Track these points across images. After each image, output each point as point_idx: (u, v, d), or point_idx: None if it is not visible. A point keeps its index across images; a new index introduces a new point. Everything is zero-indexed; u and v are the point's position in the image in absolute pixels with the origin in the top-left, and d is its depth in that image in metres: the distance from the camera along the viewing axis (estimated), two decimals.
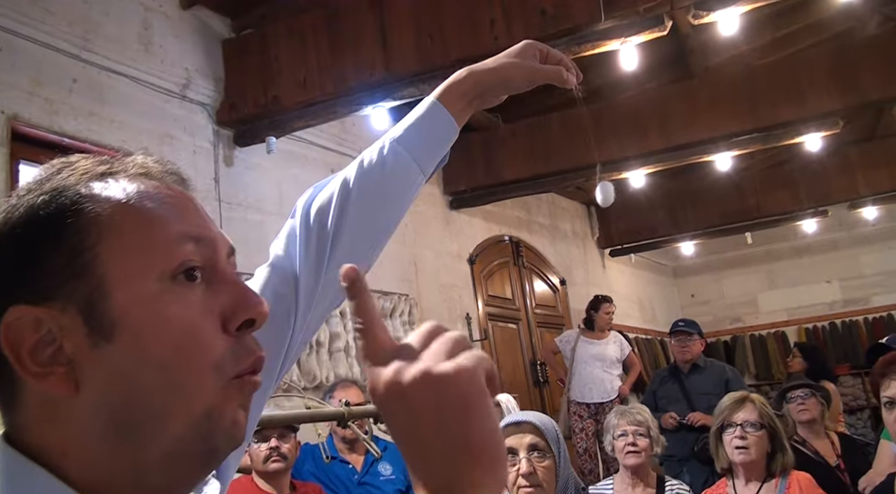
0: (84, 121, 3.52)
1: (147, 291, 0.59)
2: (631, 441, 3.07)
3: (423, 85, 4.03)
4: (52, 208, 0.60)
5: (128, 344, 0.58)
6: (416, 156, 1.02)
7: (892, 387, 2.20)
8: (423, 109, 1.03)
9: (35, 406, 0.58)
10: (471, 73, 1.06)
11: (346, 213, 0.97)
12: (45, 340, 0.57)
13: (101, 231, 0.60)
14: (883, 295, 10.14)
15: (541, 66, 1.08)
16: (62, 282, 0.58)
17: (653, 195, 8.51)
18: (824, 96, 5.39)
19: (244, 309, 0.62)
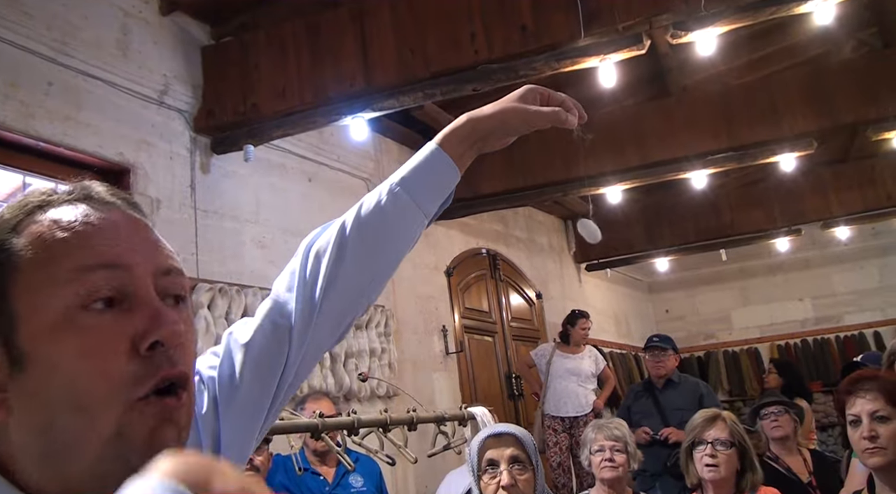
0: (60, 125, 3.48)
1: (50, 322, 0.63)
2: (608, 457, 3.07)
3: (402, 97, 4.04)
4: None
5: (38, 373, 0.63)
6: (418, 199, 1.04)
7: (856, 405, 2.22)
8: (425, 154, 1.07)
9: None
10: (469, 119, 1.09)
11: (341, 259, 1.00)
12: None
13: (12, 271, 0.64)
14: (854, 313, 10.29)
15: (538, 109, 1.10)
16: None
17: (629, 211, 8.58)
18: (799, 117, 5.47)
19: (153, 331, 0.65)
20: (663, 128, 5.78)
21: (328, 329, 0.99)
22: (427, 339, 6.03)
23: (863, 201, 8.08)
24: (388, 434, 2.25)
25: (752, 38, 5.76)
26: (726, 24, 3.72)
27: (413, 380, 5.58)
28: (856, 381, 2.29)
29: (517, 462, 2.08)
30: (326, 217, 4.16)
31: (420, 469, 4.86)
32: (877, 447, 2.14)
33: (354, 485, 3.33)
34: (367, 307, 1.06)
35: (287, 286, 1.00)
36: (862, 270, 10.36)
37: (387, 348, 5.31)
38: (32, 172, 3.42)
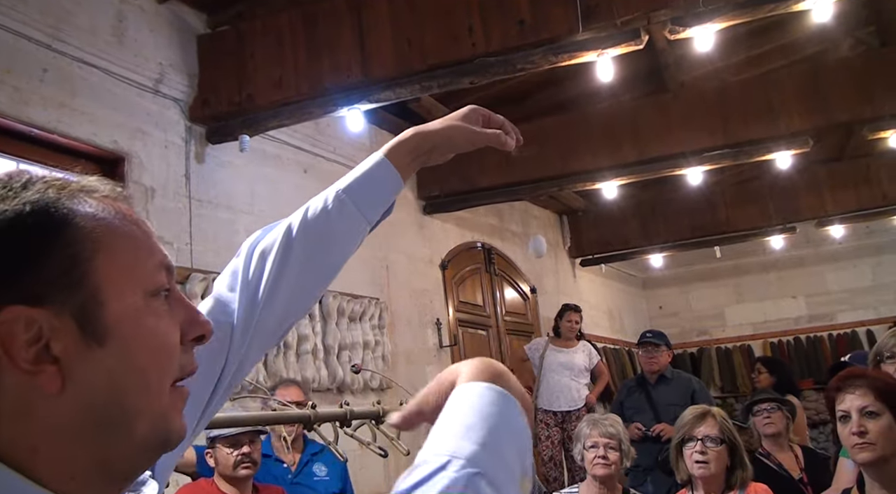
0: (54, 112, 3.46)
1: (135, 305, 0.67)
2: (602, 454, 3.06)
3: (399, 89, 4.03)
4: (43, 218, 0.64)
5: (117, 350, 0.65)
6: (361, 207, 1.10)
7: (846, 401, 2.23)
8: (371, 164, 1.12)
9: (7, 403, 0.61)
10: (417, 133, 1.15)
11: (286, 261, 1.04)
12: (32, 339, 0.61)
13: (95, 247, 0.66)
14: (848, 312, 10.32)
15: (482, 131, 1.17)
16: (58, 289, 0.63)
17: (625, 206, 8.59)
18: (795, 115, 5.47)
19: (198, 325, 0.72)
20: (660, 124, 5.78)
21: (270, 328, 1.03)
22: (421, 332, 6.03)
23: (857, 200, 8.10)
24: (381, 426, 2.25)
25: (749, 35, 5.75)
26: (724, 21, 3.71)
27: (406, 373, 5.58)
28: (845, 378, 2.30)
29: None
30: None
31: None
32: (866, 442, 2.15)
33: (318, 474, 3.33)
34: (308, 309, 1.11)
35: (229, 285, 1.03)
36: (856, 269, 10.39)
37: (380, 340, 5.31)
38: (26, 159, 3.40)
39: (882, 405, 2.17)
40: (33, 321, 0.61)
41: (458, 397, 0.67)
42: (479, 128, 1.18)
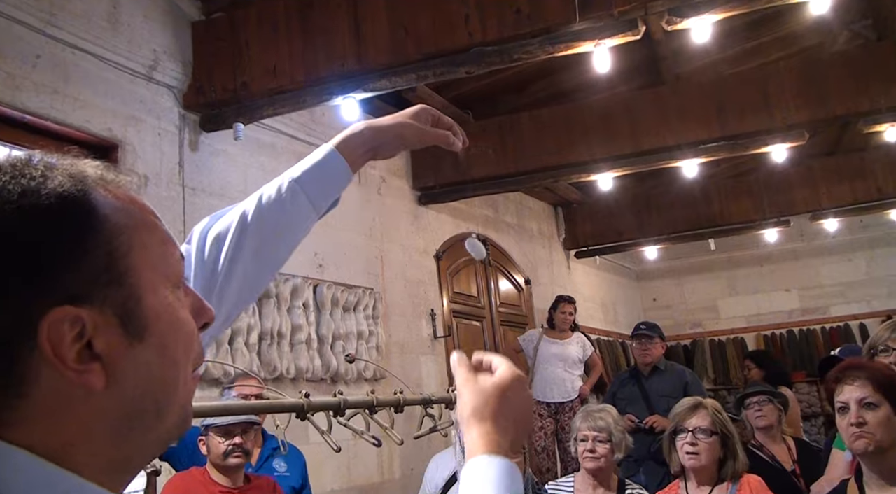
0: (47, 98, 3.43)
1: (167, 298, 0.68)
2: (590, 448, 3.07)
3: (395, 78, 4.01)
4: (77, 214, 0.63)
5: (154, 344, 0.65)
6: (312, 197, 1.13)
7: (845, 392, 2.24)
8: (322, 155, 1.15)
9: (45, 402, 0.61)
10: (369, 127, 1.18)
11: (242, 246, 1.06)
12: (75, 337, 0.61)
13: (129, 242, 0.66)
14: (841, 305, 10.36)
15: (432, 130, 1.22)
16: (100, 287, 0.63)
17: (620, 198, 8.59)
18: (791, 108, 5.47)
19: (205, 312, 0.73)
20: (656, 115, 5.77)
21: (222, 317, 1.03)
22: (415, 323, 6.02)
23: (852, 194, 8.11)
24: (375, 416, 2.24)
25: (746, 27, 5.74)
26: (722, 12, 3.70)
27: (400, 364, 5.58)
28: (845, 369, 2.31)
29: None
30: None
31: (406, 451, 4.87)
32: (864, 432, 2.16)
33: (278, 469, 3.32)
34: (254, 299, 1.14)
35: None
36: (849, 262, 10.42)
37: (374, 331, 5.31)
38: (18, 145, 3.37)
39: (881, 396, 2.18)
40: (79, 320, 0.61)
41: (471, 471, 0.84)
42: (428, 127, 1.22)
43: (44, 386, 0.60)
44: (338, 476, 4.80)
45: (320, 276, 4.93)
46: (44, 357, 0.59)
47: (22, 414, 0.60)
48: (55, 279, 0.61)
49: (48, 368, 0.60)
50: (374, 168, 5.82)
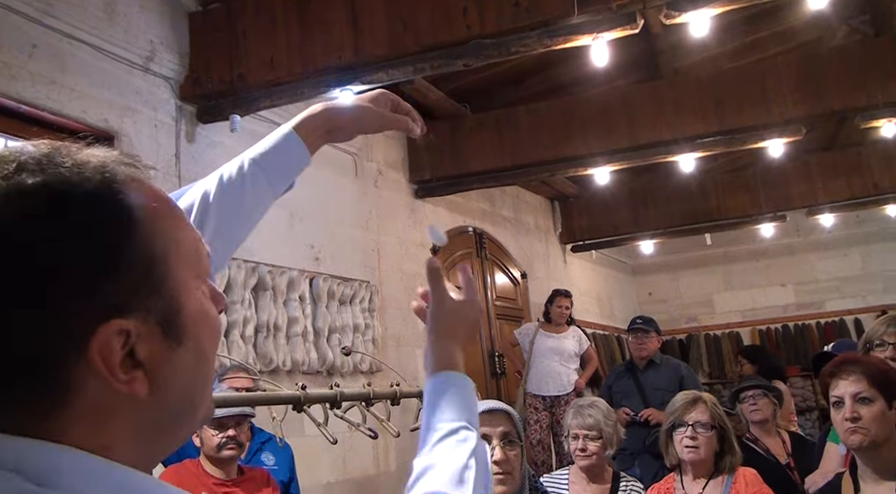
0: (44, 88, 3.41)
1: (201, 296, 0.68)
2: (581, 446, 3.07)
3: (392, 70, 3.99)
4: (114, 217, 0.62)
5: (192, 346, 0.66)
6: (271, 179, 1.14)
7: (840, 387, 2.25)
8: (281, 136, 1.15)
9: (87, 410, 0.60)
10: (327, 110, 1.19)
11: (204, 225, 1.06)
12: (121, 347, 0.61)
13: (165, 243, 0.65)
14: (836, 300, 10.39)
15: (391, 115, 1.23)
16: (143, 296, 0.62)
17: (616, 193, 8.59)
18: (789, 103, 5.47)
19: (220, 299, 0.73)
20: (653, 110, 5.77)
21: None
22: (411, 316, 6.01)
23: (848, 189, 8.13)
24: (371, 408, 2.25)
25: (745, 21, 5.74)
26: (720, 6, 3.70)
27: (397, 357, 5.58)
28: (840, 364, 2.32)
29: (508, 438, 2.10)
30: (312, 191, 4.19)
31: (402, 443, 4.87)
32: (859, 428, 2.17)
33: (266, 463, 3.31)
34: (216, 279, 1.14)
35: None
36: (845, 257, 10.45)
37: (371, 324, 5.31)
38: (15, 136, 3.36)
39: (875, 391, 2.19)
40: (125, 332, 0.60)
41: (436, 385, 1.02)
42: (387, 112, 1.23)
43: (88, 395, 0.60)
44: (334, 468, 4.81)
45: (316, 269, 4.93)
46: (91, 367, 0.59)
47: (62, 424, 0.60)
48: (101, 291, 0.60)
49: (94, 378, 0.60)
50: (371, 161, 5.82)
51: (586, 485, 3.07)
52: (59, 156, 0.62)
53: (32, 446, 0.58)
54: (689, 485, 2.89)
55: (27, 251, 0.58)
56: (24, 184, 0.59)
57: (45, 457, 0.58)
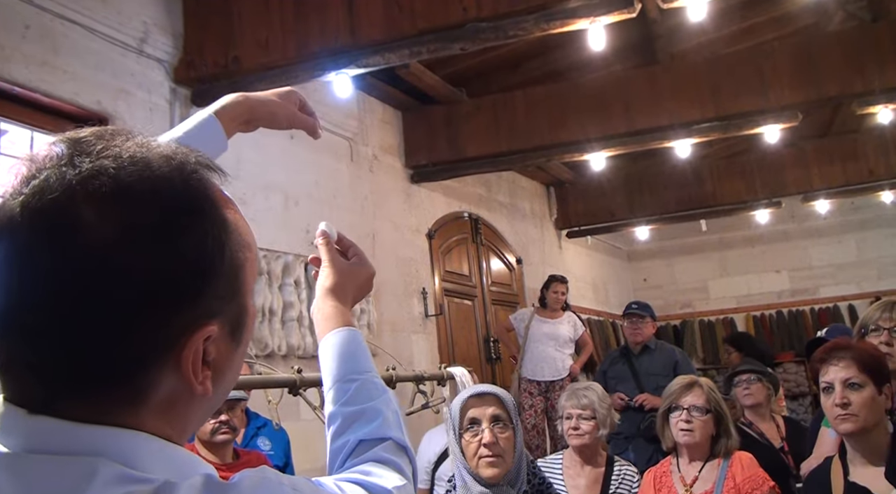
0: (36, 70, 3.38)
1: (253, 307, 0.71)
2: (574, 425, 3.08)
3: (388, 54, 3.97)
4: (209, 223, 0.63)
5: (244, 344, 0.69)
6: None
7: (830, 373, 2.26)
8: (202, 120, 1.17)
9: (159, 405, 0.63)
10: (246, 100, 1.22)
11: None
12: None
13: (246, 254, 0.67)
14: (830, 286, 10.42)
15: (301, 115, 1.28)
16: (226, 301, 0.65)
17: (612, 178, 8.59)
18: (785, 89, 5.46)
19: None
20: (649, 95, 5.75)
21: None
22: (406, 301, 6.02)
23: (844, 175, 8.14)
24: None
25: (741, 6, 5.72)
26: None
27: (392, 342, 5.58)
28: (830, 350, 2.33)
29: (498, 421, 2.10)
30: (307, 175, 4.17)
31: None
32: (848, 414, 2.18)
33: (262, 447, 3.32)
34: None
35: None
36: (840, 244, 10.47)
37: (366, 309, 5.30)
38: (8, 119, 3.34)
39: (865, 377, 2.20)
40: (210, 336, 0.63)
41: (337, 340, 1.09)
42: (302, 114, 1.28)
43: (162, 392, 0.63)
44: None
45: (312, 254, 4.91)
46: (173, 368, 0.62)
47: (136, 419, 0.62)
48: (202, 298, 0.62)
49: (173, 376, 0.62)
50: (366, 145, 5.79)
51: (580, 469, 3.08)
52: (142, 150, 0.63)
53: (113, 433, 0.61)
54: (685, 468, 2.90)
55: (138, 262, 0.59)
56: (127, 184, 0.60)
57: (125, 443, 0.61)
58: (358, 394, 1.01)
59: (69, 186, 0.58)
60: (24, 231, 0.58)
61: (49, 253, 0.57)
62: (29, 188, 0.59)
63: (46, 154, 0.62)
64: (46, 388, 0.60)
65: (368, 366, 1.06)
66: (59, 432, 0.60)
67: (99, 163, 0.60)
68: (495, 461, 2.04)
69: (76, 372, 0.60)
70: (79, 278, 0.57)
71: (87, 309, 0.58)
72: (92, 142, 0.62)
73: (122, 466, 0.59)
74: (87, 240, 0.58)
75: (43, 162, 0.61)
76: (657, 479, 2.93)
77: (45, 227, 0.58)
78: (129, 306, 0.59)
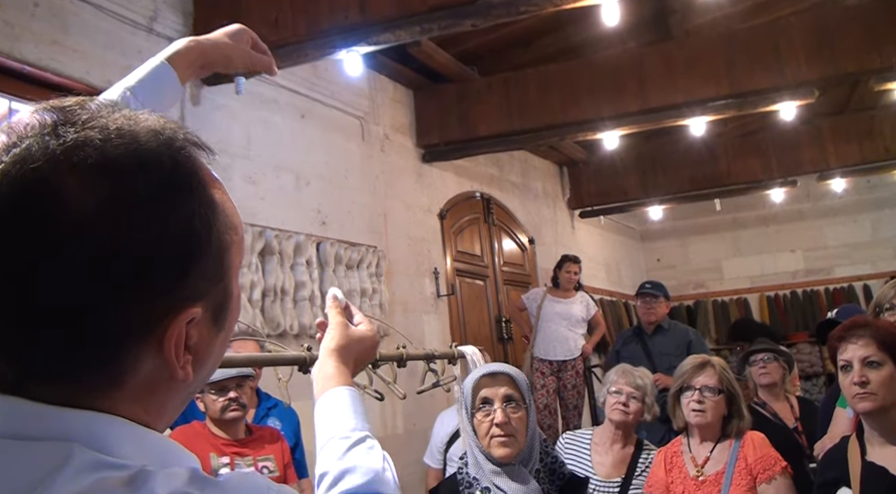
0: (46, 49, 3.37)
1: (238, 290, 0.69)
2: (623, 401, 3.09)
3: (399, 31, 3.93)
4: (201, 208, 0.61)
5: (226, 329, 0.67)
6: (148, 107, 1.18)
7: (848, 351, 2.23)
8: (155, 67, 1.18)
9: (136, 389, 0.61)
10: (198, 45, 1.22)
11: None
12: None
13: (232, 237, 0.65)
14: (845, 266, 10.33)
15: (256, 54, 1.27)
16: (212, 284, 0.63)
17: (625, 158, 8.52)
18: (802, 65, 5.37)
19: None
20: (664, 72, 5.67)
21: None
22: (418, 281, 6.01)
23: (860, 153, 8.03)
24: (377, 371, 2.23)
25: None
26: None
27: (403, 322, 5.58)
28: (849, 328, 2.29)
29: (511, 400, 2.09)
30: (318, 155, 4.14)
31: (409, 407, 4.90)
32: (867, 392, 2.15)
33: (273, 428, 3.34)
34: None
35: None
36: (855, 223, 10.36)
37: (378, 289, 5.30)
38: (18, 97, 3.32)
39: (884, 355, 2.17)
40: (193, 318, 0.61)
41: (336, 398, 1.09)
42: (257, 54, 1.28)
43: (141, 375, 0.61)
44: None
45: (323, 233, 4.91)
46: (154, 351, 0.60)
47: (113, 402, 0.60)
48: (185, 278, 0.60)
49: (152, 359, 0.60)
50: (377, 125, 5.76)
51: (609, 447, 3.08)
52: (130, 122, 0.61)
53: (88, 417, 0.59)
54: (697, 449, 2.89)
55: (122, 238, 0.56)
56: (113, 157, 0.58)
57: (100, 428, 0.59)
58: (352, 451, 1.00)
59: (52, 156, 0.56)
60: (3, 200, 0.55)
61: (28, 224, 0.55)
62: (9, 157, 0.56)
63: (29, 122, 0.59)
64: (19, 369, 0.58)
65: (364, 425, 1.06)
66: (32, 415, 0.57)
67: (84, 134, 0.57)
68: (507, 440, 2.03)
69: (52, 351, 0.57)
70: (59, 252, 0.55)
71: (66, 284, 0.55)
72: (77, 112, 0.60)
73: (96, 452, 0.57)
74: (69, 212, 0.55)
75: (25, 130, 0.58)
76: (668, 459, 2.92)
77: (24, 198, 0.55)
78: (110, 284, 0.56)
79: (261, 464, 2.92)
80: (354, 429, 1.04)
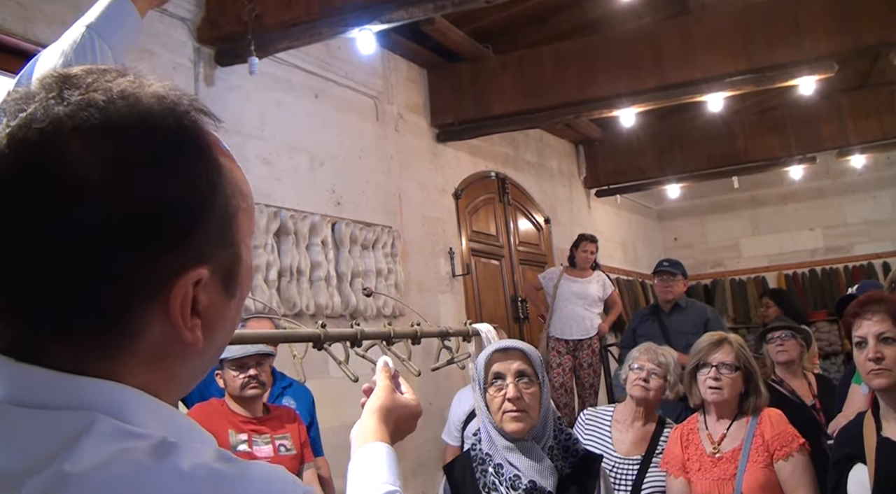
0: (58, 29, 3.33)
1: (250, 250, 0.68)
2: (643, 377, 3.07)
3: (412, 8, 3.91)
4: (209, 169, 0.61)
5: (238, 298, 0.67)
6: (111, 45, 1.25)
7: (863, 327, 2.21)
8: (113, 1, 1.26)
9: (145, 355, 0.61)
10: None
11: None
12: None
13: (239, 200, 0.65)
14: (865, 244, 10.21)
15: None
16: (219, 247, 0.62)
17: (642, 136, 8.45)
18: (821, 38, 5.28)
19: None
20: (680, 48, 5.60)
21: None
22: (434, 261, 6.01)
23: (880, 129, 7.92)
24: (392, 348, 2.24)
25: None
26: None
27: (419, 302, 5.59)
28: (864, 304, 2.27)
29: (524, 376, 2.09)
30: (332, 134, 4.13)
31: (423, 385, 4.91)
32: (882, 368, 2.13)
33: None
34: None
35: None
36: (875, 200, 10.23)
37: (393, 268, 5.30)
38: None
39: None
40: (200, 281, 0.61)
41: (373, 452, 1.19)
42: None
43: (150, 341, 0.60)
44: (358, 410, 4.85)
45: (338, 214, 4.91)
46: (161, 314, 0.59)
47: (121, 368, 0.60)
48: (192, 238, 0.60)
49: (160, 324, 0.60)
50: (391, 104, 5.74)
51: (630, 424, 3.07)
52: (134, 86, 0.61)
53: (105, 386, 0.58)
54: (713, 426, 2.87)
55: (126, 198, 0.57)
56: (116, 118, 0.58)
57: (117, 397, 0.58)
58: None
59: (56, 118, 0.57)
60: (9, 161, 0.56)
61: (34, 184, 0.56)
62: (16, 120, 0.57)
63: (35, 88, 0.60)
64: (30, 332, 0.58)
65: (396, 481, 1.14)
66: (50, 383, 0.58)
67: (88, 96, 0.58)
68: (519, 415, 2.03)
69: (59, 313, 0.57)
70: (63, 211, 0.55)
71: (71, 243, 0.56)
72: (82, 77, 0.61)
73: (117, 421, 0.57)
74: (73, 172, 0.56)
75: (32, 95, 0.59)
76: (684, 436, 2.91)
77: (29, 158, 0.56)
78: (114, 243, 0.56)
79: (278, 442, 2.95)
80: (385, 483, 1.11)
